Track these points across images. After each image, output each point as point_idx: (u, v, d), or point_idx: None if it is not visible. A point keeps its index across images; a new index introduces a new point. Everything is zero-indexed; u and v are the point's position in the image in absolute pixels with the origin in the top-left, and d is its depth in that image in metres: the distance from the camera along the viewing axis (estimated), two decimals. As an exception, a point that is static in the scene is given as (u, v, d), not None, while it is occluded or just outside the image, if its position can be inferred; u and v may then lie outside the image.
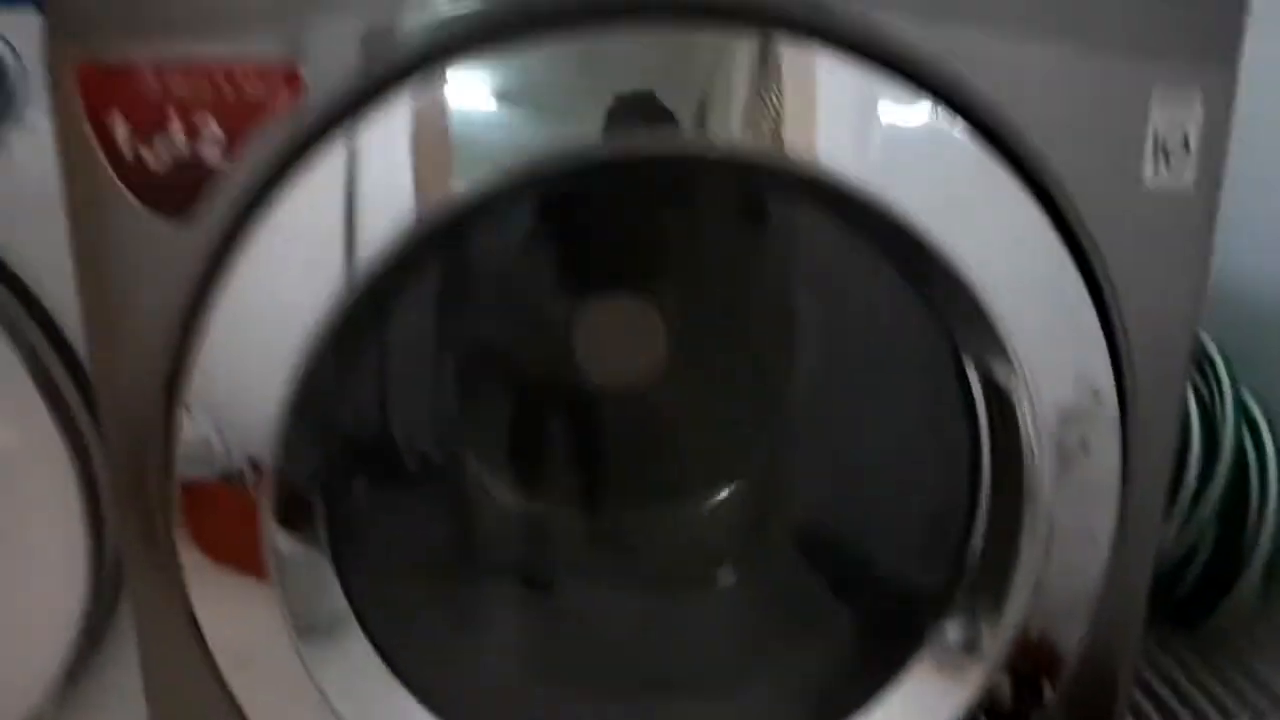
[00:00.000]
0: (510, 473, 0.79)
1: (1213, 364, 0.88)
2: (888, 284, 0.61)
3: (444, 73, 0.51)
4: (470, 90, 0.51)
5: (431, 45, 0.51)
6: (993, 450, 0.64)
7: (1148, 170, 0.56)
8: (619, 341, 0.74)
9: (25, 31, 0.63)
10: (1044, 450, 0.60)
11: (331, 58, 0.51)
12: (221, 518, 0.58)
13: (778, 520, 0.81)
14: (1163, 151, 0.56)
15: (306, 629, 0.60)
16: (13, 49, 0.64)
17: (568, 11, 0.51)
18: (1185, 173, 0.57)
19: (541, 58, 0.51)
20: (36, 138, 0.63)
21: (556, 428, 0.80)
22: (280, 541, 0.58)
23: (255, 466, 0.56)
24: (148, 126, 0.51)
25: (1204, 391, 0.88)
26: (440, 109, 0.51)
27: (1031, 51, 0.53)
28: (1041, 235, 0.56)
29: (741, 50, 0.52)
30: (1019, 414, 0.59)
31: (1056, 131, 0.55)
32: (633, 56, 0.52)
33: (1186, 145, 0.56)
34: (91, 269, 0.56)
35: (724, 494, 0.81)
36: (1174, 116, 0.55)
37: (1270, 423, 0.86)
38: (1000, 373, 0.59)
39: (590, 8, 0.51)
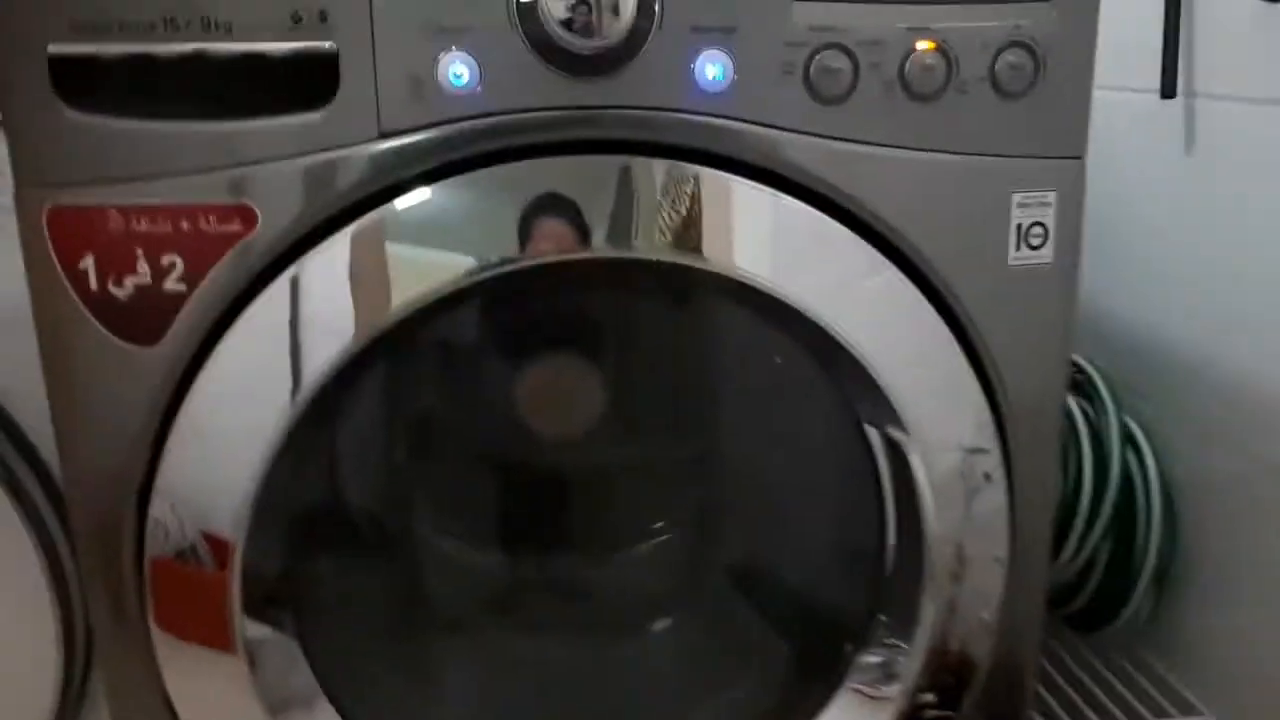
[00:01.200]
0: (462, 532, 0.85)
1: (1097, 390, 0.97)
2: (795, 356, 0.68)
3: (381, 206, 0.56)
4: (404, 220, 0.57)
5: (368, 182, 0.56)
6: (895, 496, 0.71)
7: (1011, 252, 0.64)
8: (558, 396, 0.79)
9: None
10: (938, 496, 0.67)
11: (279, 195, 0.56)
12: (191, 604, 0.62)
13: (710, 561, 0.87)
14: (1024, 238, 0.64)
15: (279, 704, 0.65)
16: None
17: (493, 153, 0.57)
18: (1045, 250, 0.65)
19: (467, 184, 0.57)
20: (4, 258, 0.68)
21: (502, 485, 0.85)
22: (249, 628, 0.63)
23: (221, 556, 0.61)
24: (115, 264, 0.56)
25: (1093, 418, 0.97)
26: (376, 239, 0.57)
27: (906, 161, 0.61)
28: (923, 314, 0.64)
29: (661, 177, 0.58)
30: (912, 470, 0.67)
31: (931, 227, 0.62)
32: (560, 177, 0.58)
33: (1045, 230, 0.64)
34: (62, 387, 0.60)
35: (660, 539, 0.87)
36: (1033, 212, 0.63)
37: (1151, 444, 0.95)
38: (895, 433, 0.67)
39: (521, 149, 0.57)
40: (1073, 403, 0.97)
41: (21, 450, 0.69)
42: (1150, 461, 0.94)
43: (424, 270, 0.58)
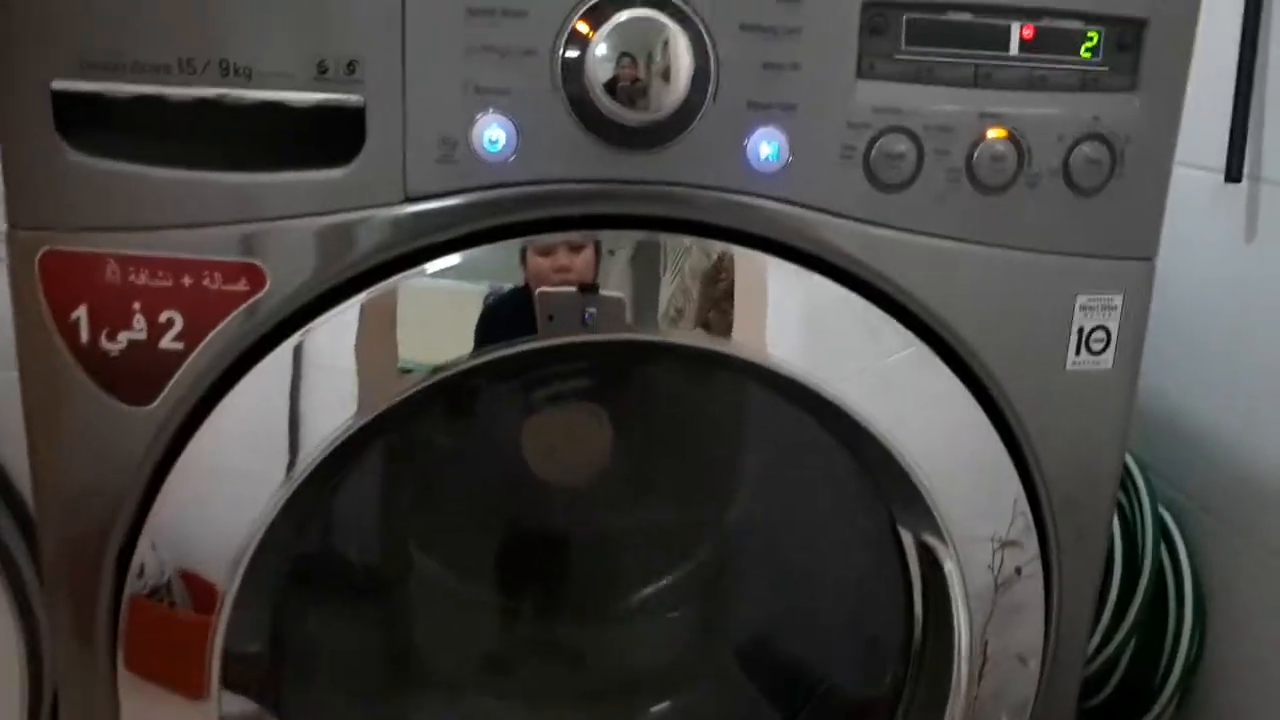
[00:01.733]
0: (460, 592, 0.81)
1: (1133, 480, 0.92)
2: (830, 444, 0.64)
3: (396, 274, 0.52)
4: (419, 289, 0.53)
5: (388, 248, 0.52)
6: (924, 597, 0.67)
7: (1070, 356, 0.60)
8: (567, 444, 0.76)
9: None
10: (972, 599, 0.63)
11: (291, 256, 0.52)
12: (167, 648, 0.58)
13: (720, 639, 0.83)
14: (1085, 342, 0.59)
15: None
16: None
17: (520, 223, 0.52)
18: (1106, 357, 0.60)
19: (489, 255, 0.53)
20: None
21: (505, 546, 0.81)
22: (227, 701, 0.59)
23: (207, 602, 0.56)
24: (110, 317, 0.52)
25: (1125, 507, 0.92)
26: (388, 310, 0.52)
27: (966, 255, 0.56)
28: (970, 415, 0.60)
29: (696, 256, 0.54)
30: (945, 575, 0.62)
31: (986, 325, 0.58)
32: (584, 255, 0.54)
33: (1108, 335, 0.60)
34: (44, 437, 0.56)
35: (667, 612, 0.83)
36: (1096, 316, 0.59)
37: (1185, 538, 0.90)
38: (930, 540, 0.62)
39: (552, 221, 0.52)
40: (1105, 486, 0.92)
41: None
42: (1184, 556, 0.90)
43: (436, 346, 0.54)
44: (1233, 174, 0.82)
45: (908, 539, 0.65)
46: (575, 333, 0.55)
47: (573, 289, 0.54)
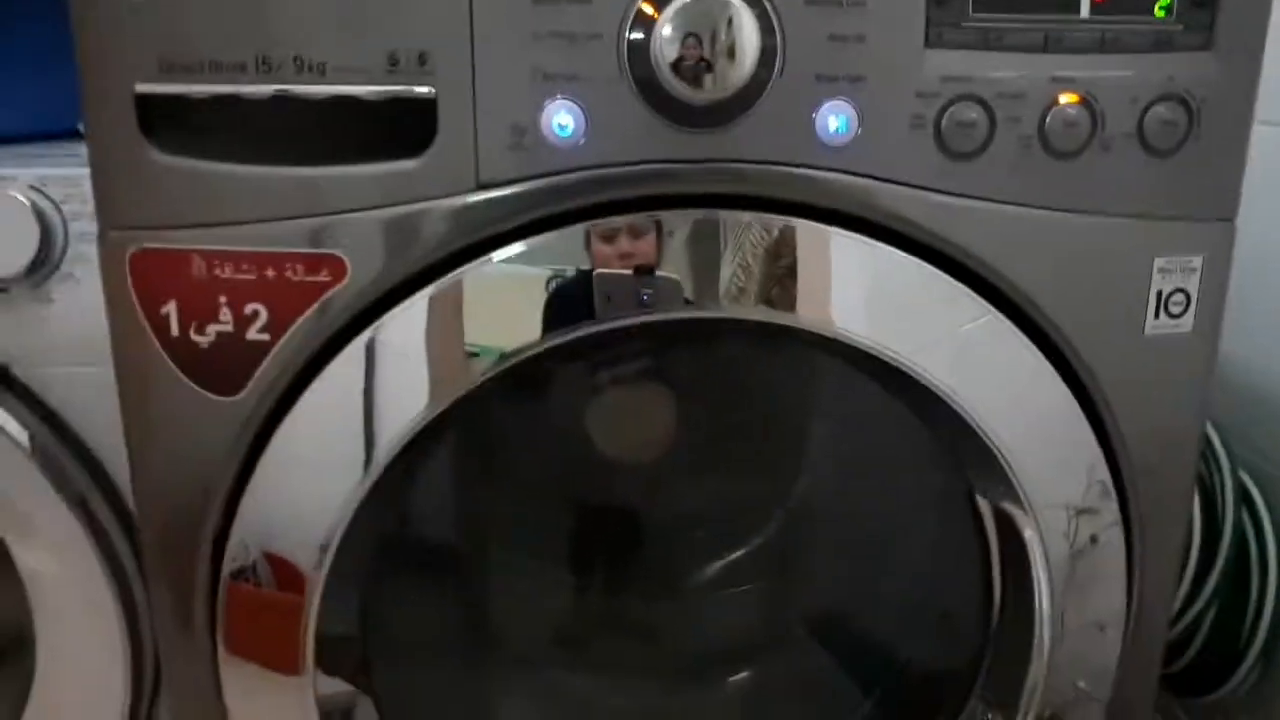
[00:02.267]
0: (537, 569, 0.82)
1: (1211, 446, 0.91)
2: (901, 418, 0.64)
3: (462, 267, 0.53)
4: (487, 277, 0.54)
5: (460, 235, 0.53)
6: (1002, 563, 0.66)
7: (1149, 322, 0.59)
8: (637, 422, 0.76)
9: (63, 184, 0.66)
10: (1052, 568, 0.63)
11: (368, 246, 0.53)
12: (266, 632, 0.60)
13: (796, 611, 0.84)
14: (1164, 305, 0.59)
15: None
16: (54, 203, 0.66)
17: (584, 209, 0.53)
18: (1186, 320, 0.59)
19: (557, 240, 0.54)
20: (78, 286, 0.66)
21: (580, 523, 0.82)
22: (322, 683, 0.60)
23: (297, 587, 0.58)
24: (199, 311, 0.54)
25: (1204, 473, 0.91)
26: (455, 302, 0.53)
27: (1040, 221, 0.56)
28: (1047, 382, 0.59)
29: (757, 231, 0.54)
30: (1025, 544, 0.62)
31: (1063, 291, 0.57)
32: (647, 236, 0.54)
33: (1187, 298, 0.59)
34: (140, 429, 0.58)
35: (743, 585, 0.83)
36: (1175, 279, 0.58)
37: (1268, 504, 0.89)
38: (1010, 507, 0.62)
39: (621, 203, 0.53)
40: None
41: (89, 469, 0.68)
42: (1267, 522, 0.88)
43: (504, 331, 0.54)
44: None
45: (985, 507, 0.64)
46: (634, 314, 0.55)
47: (628, 271, 0.55)
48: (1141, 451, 0.62)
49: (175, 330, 0.54)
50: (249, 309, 0.54)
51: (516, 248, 0.54)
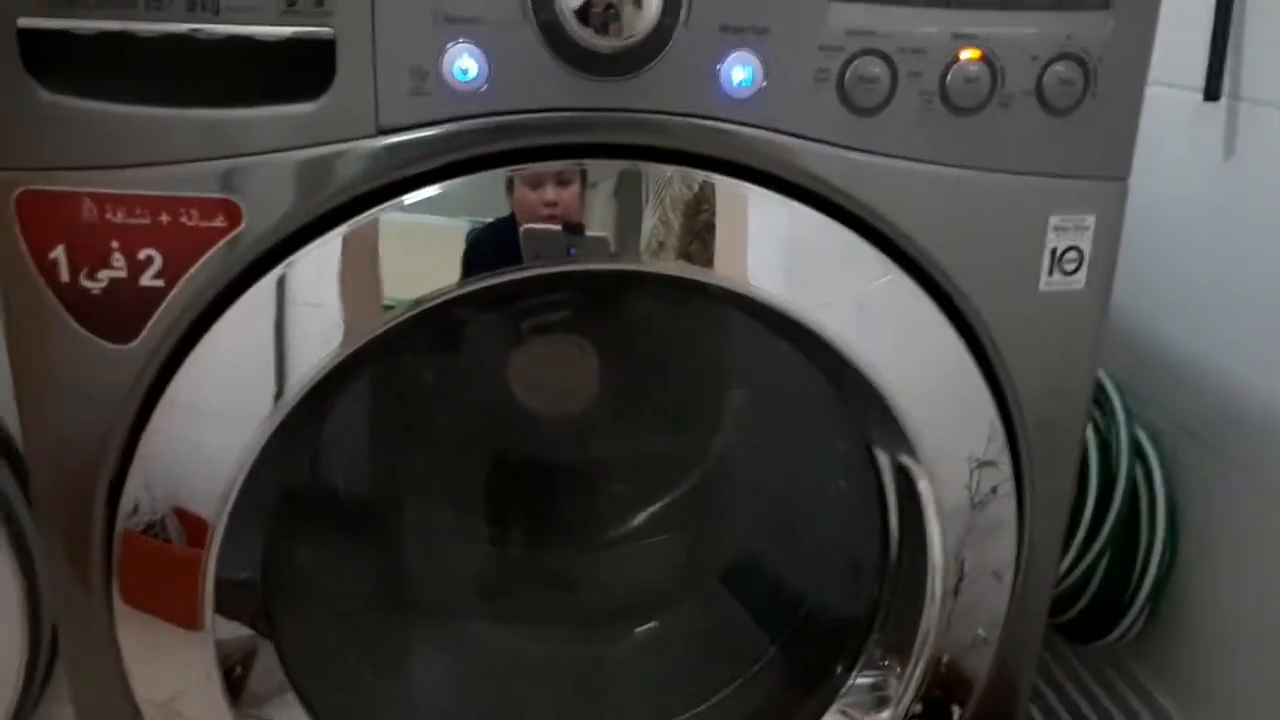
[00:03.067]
0: (450, 520, 0.82)
1: (1109, 399, 0.94)
2: (806, 368, 0.65)
3: (375, 206, 0.52)
4: (400, 221, 0.53)
5: (363, 181, 0.52)
6: (900, 516, 0.68)
7: (1043, 277, 0.61)
8: (554, 373, 0.76)
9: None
10: (944, 517, 0.65)
11: (267, 191, 0.52)
12: (162, 582, 0.59)
13: (704, 560, 0.85)
14: (1058, 263, 0.60)
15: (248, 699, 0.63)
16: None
17: (496, 154, 0.52)
18: (1079, 277, 0.61)
19: (468, 186, 0.53)
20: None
21: (493, 473, 0.82)
22: (221, 626, 0.60)
23: (198, 536, 0.57)
24: (89, 256, 0.52)
25: (1101, 425, 0.94)
26: (370, 242, 0.53)
27: (939, 177, 0.57)
28: (943, 337, 0.60)
29: (677, 186, 0.54)
30: (920, 495, 0.64)
31: (960, 247, 0.59)
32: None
33: (1080, 256, 0.60)
34: (31, 377, 0.57)
35: (654, 536, 0.85)
36: (1069, 236, 0.59)
37: (1160, 457, 0.92)
38: (905, 459, 0.64)
39: (528, 151, 0.53)
40: (1082, 407, 0.94)
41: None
42: (1158, 475, 0.92)
43: (419, 276, 0.54)
44: (1211, 93, 0.83)
45: (884, 460, 0.66)
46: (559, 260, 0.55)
47: (558, 228, 0.54)
48: (1035, 405, 0.64)
49: (65, 275, 0.53)
50: (142, 254, 0.53)
51: (431, 190, 0.53)
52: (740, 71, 0.53)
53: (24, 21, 0.49)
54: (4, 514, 0.67)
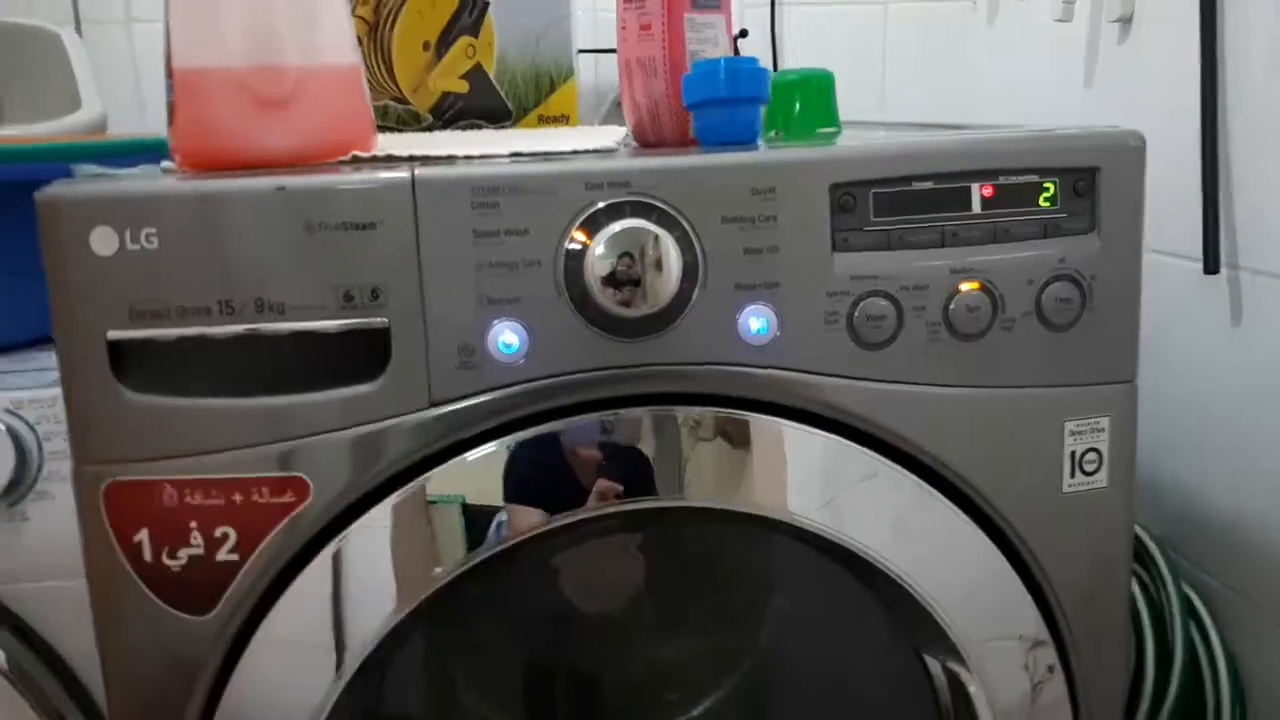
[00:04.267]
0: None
1: (1155, 562, 0.94)
2: (852, 584, 0.67)
3: (424, 474, 0.57)
4: (447, 482, 0.57)
5: (416, 450, 0.57)
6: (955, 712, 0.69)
7: (1065, 480, 0.63)
8: (603, 581, 0.78)
9: (36, 406, 0.69)
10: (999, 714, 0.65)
11: (330, 466, 0.56)
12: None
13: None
14: (1078, 465, 0.63)
15: None
16: (28, 424, 0.69)
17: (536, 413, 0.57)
18: (1100, 475, 0.64)
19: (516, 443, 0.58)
20: (53, 503, 0.69)
21: (548, 678, 0.84)
22: None
23: None
24: (170, 538, 0.57)
25: (1151, 589, 0.94)
26: (419, 506, 0.57)
27: (953, 398, 0.60)
28: (976, 544, 0.63)
29: (714, 426, 0.58)
30: (972, 699, 0.65)
31: (981, 460, 0.62)
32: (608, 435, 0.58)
33: (1100, 456, 0.63)
34: (113, 649, 0.60)
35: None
36: (1086, 439, 0.62)
37: (1212, 613, 0.92)
38: (954, 666, 0.65)
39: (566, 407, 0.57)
40: (1129, 570, 0.94)
41: (65, 683, 0.69)
42: (1214, 634, 0.91)
43: (470, 534, 0.58)
44: (1210, 266, 0.86)
45: (935, 667, 0.67)
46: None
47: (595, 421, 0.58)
48: (1072, 597, 0.66)
49: (148, 556, 0.57)
50: (218, 532, 0.57)
51: (489, 448, 0.58)
52: (756, 322, 0.57)
53: (113, 334, 0.55)
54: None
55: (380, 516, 0.57)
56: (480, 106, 0.87)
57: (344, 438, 0.56)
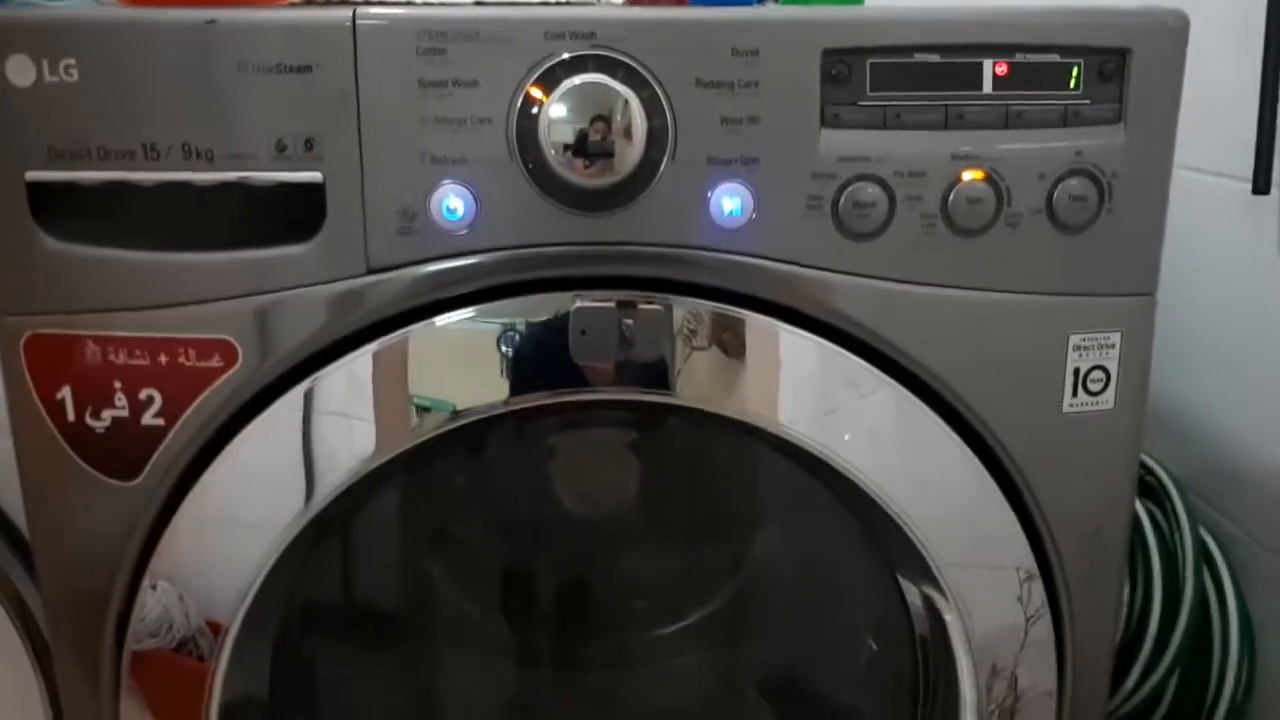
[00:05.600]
0: (479, 633, 0.81)
1: (1171, 502, 0.89)
2: (834, 509, 0.63)
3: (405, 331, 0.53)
4: (432, 345, 0.53)
5: (356, 319, 0.53)
6: (932, 646, 0.65)
7: (1067, 398, 0.58)
8: (590, 477, 0.75)
9: None
10: (978, 645, 0.61)
11: (261, 331, 0.53)
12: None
13: (743, 674, 0.82)
14: (1082, 383, 0.57)
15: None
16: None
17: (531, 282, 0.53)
18: (1106, 396, 0.58)
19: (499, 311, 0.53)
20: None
21: (525, 587, 0.81)
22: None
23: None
24: (93, 397, 0.53)
25: (1165, 529, 0.89)
26: (400, 363, 0.53)
27: (947, 300, 0.55)
28: (964, 464, 0.58)
29: (708, 322, 0.54)
30: (947, 629, 0.61)
31: (975, 371, 0.56)
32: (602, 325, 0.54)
33: (1107, 375, 0.57)
34: (40, 511, 0.58)
35: (689, 651, 0.82)
36: (1092, 355, 0.56)
37: (1229, 564, 0.86)
38: (930, 592, 0.61)
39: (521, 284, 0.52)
40: (1141, 508, 0.89)
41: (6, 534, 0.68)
42: (1229, 584, 0.86)
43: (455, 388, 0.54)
44: (1259, 186, 0.79)
45: (911, 592, 0.63)
46: (610, 351, 0.54)
47: (610, 303, 0.54)
48: (1068, 531, 0.61)
49: (71, 415, 0.54)
50: (143, 394, 0.54)
51: (466, 313, 0.54)
52: (730, 202, 0.52)
53: (31, 175, 0.51)
54: (23, 618, 0.69)
55: (360, 359, 0.53)
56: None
57: (271, 301, 0.52)
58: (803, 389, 0.56)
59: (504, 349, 0.54)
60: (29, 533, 0.58)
